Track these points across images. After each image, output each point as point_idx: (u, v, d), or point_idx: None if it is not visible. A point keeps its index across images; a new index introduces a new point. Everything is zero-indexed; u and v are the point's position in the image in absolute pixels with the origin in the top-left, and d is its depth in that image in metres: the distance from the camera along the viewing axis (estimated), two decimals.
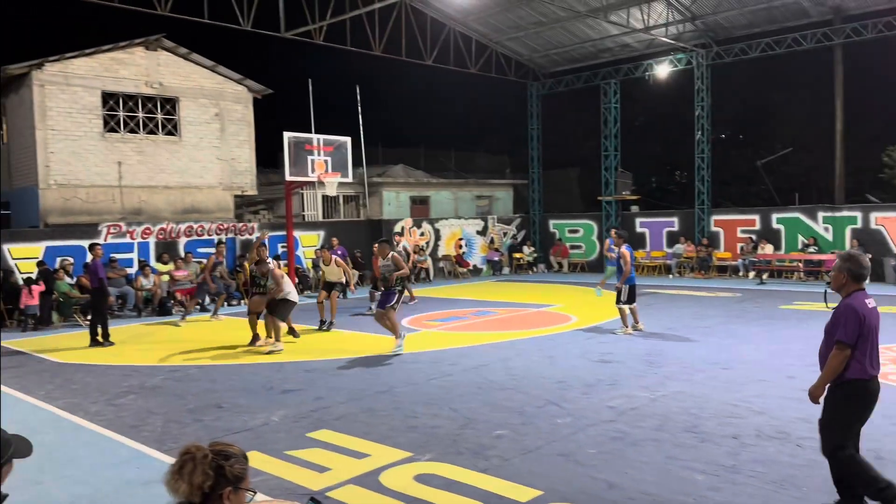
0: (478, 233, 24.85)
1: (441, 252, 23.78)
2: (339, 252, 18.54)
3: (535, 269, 25.05)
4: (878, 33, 18.90)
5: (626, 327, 11.63)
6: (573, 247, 25.27)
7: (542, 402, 7.38)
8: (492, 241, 25.14)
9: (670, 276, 21.58)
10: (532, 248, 25.55)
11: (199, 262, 17.58)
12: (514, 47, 24.13)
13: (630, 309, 11.71)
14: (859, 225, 19.37)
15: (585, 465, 5.48)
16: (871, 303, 4.41)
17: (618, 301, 11.62)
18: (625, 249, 11.54)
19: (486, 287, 20.43)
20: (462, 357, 9.98)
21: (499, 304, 16.08)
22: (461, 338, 11.70)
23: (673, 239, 22.71)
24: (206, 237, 18.39)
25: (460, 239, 24.15)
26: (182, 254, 17.58)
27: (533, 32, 22.76)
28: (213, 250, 18.27)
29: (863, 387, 4.33)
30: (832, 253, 19.40)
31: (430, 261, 22.86)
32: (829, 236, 19.89)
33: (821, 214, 20.23)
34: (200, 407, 7.60)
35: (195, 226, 18.33)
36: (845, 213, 19.81)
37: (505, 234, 25.81)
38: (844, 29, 19.52)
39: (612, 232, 12.59)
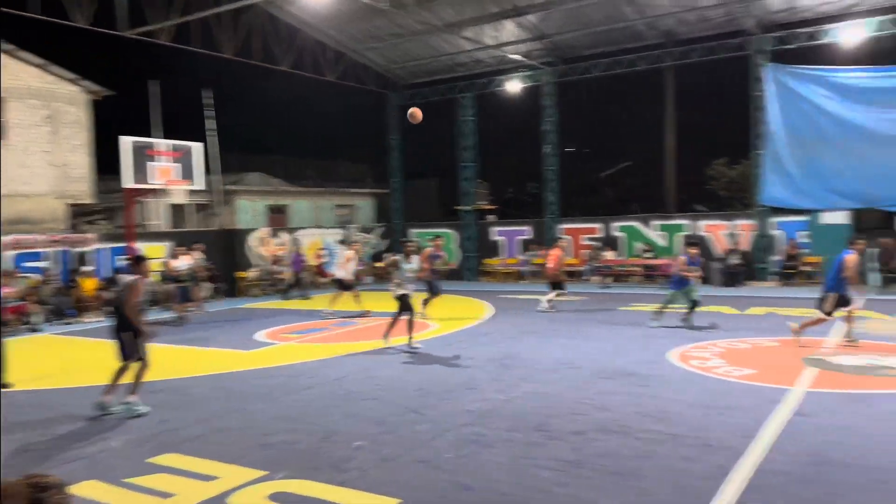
0: (339, 242, 24.54)
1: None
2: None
3: None
4: (703, 56, 20.65)
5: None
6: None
7: (403, 410, 7.41)
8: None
9: (522, 281, 22.50)
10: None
11: (26, 279, 15.99)
12: (373, 57, 24.17)
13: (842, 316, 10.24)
14: (689, 232, 21.20)
15: (443, 470, 5.56)
16: None
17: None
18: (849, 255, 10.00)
19: (349, 297, 20.15)
20: (323, 369, 9.80)
21: (361, 313, 15.98)
22: (322, 349, 11.48)
23: (526, 247, 23.68)
24: (35, 250, 16.76)
25: (321, 248, 23.74)
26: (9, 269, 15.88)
27: (391, 44, 22.90)
28: (43, 264, 16.77)
29: None
30: (667, 258, 21.12)
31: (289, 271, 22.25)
32: (664, 242, 21.61)
33: (655, 223, 21.94)
34: (28, 434, 6.90)
35: (23, 238, 16.64)
36: (677, 222, 21.63)
37: (366, 243, 25.69)
38: (674, 52, 21.25)
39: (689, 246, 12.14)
